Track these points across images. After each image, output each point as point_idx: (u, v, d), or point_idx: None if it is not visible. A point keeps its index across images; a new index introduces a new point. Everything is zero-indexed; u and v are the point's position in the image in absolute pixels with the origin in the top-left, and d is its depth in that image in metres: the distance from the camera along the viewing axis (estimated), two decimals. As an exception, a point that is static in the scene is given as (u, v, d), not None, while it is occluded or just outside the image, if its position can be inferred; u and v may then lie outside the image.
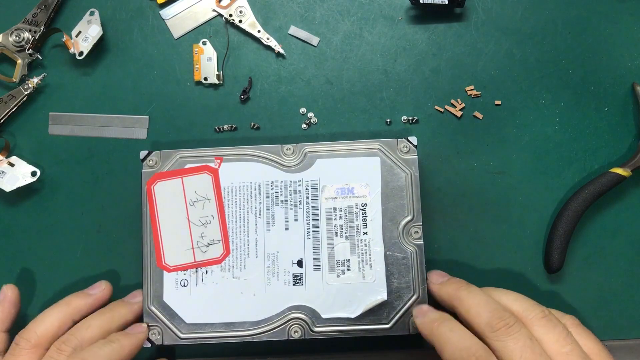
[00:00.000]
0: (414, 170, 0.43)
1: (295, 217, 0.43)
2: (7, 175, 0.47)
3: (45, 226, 0.48)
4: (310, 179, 0.43)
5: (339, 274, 0.42)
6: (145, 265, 0.43)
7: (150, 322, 0.42)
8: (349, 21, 0.49)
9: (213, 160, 0.44)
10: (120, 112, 0.49)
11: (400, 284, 0.42)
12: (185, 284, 0.43)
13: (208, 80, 0.49)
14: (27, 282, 0.47)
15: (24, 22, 0.49)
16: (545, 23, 0.49)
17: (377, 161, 0.43)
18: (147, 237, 0.43)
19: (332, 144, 0.44)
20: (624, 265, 0.46)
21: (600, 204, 0.46)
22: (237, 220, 0.43)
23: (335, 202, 0.43)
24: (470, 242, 0.47)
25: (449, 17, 0.49)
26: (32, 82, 0.48)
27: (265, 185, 0.43)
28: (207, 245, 0.43)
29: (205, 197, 0.43)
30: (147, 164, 0.44)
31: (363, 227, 0.43)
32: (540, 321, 0.36)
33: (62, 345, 0.39)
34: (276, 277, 0.42)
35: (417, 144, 0.44)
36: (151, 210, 0.43)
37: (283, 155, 0.44)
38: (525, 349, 0.34)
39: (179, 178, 0.44)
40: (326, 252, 0.42)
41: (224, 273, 0.43)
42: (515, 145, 0.48)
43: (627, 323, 0.46)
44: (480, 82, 0.48)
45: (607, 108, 0.48)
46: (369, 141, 0.44)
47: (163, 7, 0.50)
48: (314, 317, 0.42)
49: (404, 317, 0.41)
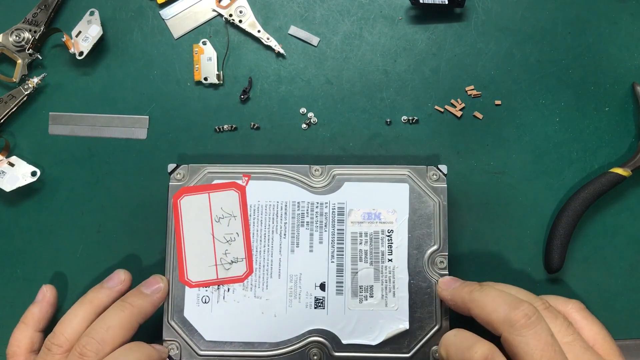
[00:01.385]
0: (442, 198, 0.43)
1: (320, 239, 0.43)
2: (7, 175, 0.47)
3: (45, 226, 0.48)
4: (337, 202, 0.43)
5: (362, 299, 0.42)
6: (167, 279, 0.42)
7: (170, 337, 0.42)
8: (349, 21, 0.49)
9: (241, 177, 0.43)
10: (120, 112, 0.49)
11: (422, 314, 0.41)
12: (207, 301, 0.42)
13: (208, 80, 0.49)
14: (27, 282, 0.47)
15: (24, 22, 0.49)
16: (545, 23, 0.49)
17: (406, 188, 0.43)
18: (170, 251, 0.43)
19: (361, 168, 0.44)
20: (624, 265, 0.46)
21: (600, 204, 0.46)
22: (262, 239, 0.43)
23: (361, 226, 0.43)
24: (470, 242, 0.47)
25: (449, 17, 0.49)
26: (32, 82, 0.48)
27: (291, 205, 0.43)
28: (230, 263, 0.43)
29: (231, 214, 0.43)
30: (174, 177, 0.44)
31: (388, 253, 0.42)
32: (542, 312, 0.36)
33: (83, 349, 0.38)
34: (298, 299, 0.42)
35: (447, 172, 0.43)
36: (176, 225, 0.43)
37: (311, 176, 0.43)
38: (547, 347, 0.34)
39: (206, 193, 0.43)
40: (350, 276, 0.42)
41: (246, 292, 0.42)
42: (515, 145, 0.48)
43: (627, 323, 0.46)
44: (480, 82, 0.48)
45: (607, 108, 0.48)
46: (398, 167, 0.43)
47: (163, 7, 0.50)
48: (334, 342, 0.41)
49: (424, 347, 0.41)
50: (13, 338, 0.42)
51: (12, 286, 0.47)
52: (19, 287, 0.47)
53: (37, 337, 0.42)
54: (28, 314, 0.43)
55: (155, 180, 0.48)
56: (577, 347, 0.35)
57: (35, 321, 0.43)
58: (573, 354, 0.35)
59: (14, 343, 0.42)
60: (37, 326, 0.42)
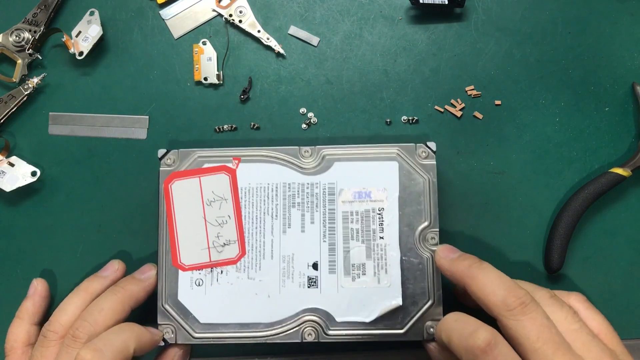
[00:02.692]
0: (432, 175, 0.43)
1: (312, 219, 0.43)
2: (7, 175, 0.47)
3: (45, 226, 0.48)
4: (327, 182, 0.43)
5: (354, 277, 0.42)
6: (160, 263, 0.43)
7: (164, 320, 0.42)
8: (349, 21, 0.49)
9: (231, 161, 0.44)
10: (120, 112, 0.49)
11: (415, 290, 0.42)
12: (200, 284, 0.43)
13: (208, 80, 0.49)
14: (27, 282, 0.47)
15: (24, 22, 0.49)
16: (545, 23, 0.49)
17: (395, 166, 0.43)
18: (163, 235, 0.43)
19: (350, 148, 0.44)
20: (624, 265, 0.46)
21: (600, 204, 0.46)
22: (254, 221, 0.43)
23: (352, 205, 0.43)
24: (470, 242, 0.47)
25: (449, 17, 0.49)
26: (32, 82, 0.48)
27: (282, 187, 0.43)
28: (222, 246, 0.43)
29: (222, 197, 0.43)
30: (164, 162, 0.44)
31: (380, 231, 0.42)
32: (547, 301, 0.36)
33: (76, 332, 0.38)
34: (291, 279, 0.42)
35: (436, 149, 0.43)
36: (168, 209, 0.43)
37: (301, 158, 0.44)
38: (543, 328, 0.34)
39: (197, 177, 0.44)
40: (342, 255, 0.42)
41: (239, 274, 0.43)
42: (515, 145, 0.48)
43: (627, 323, 0.46)
44: (480, 82, 0.48)
45: (607, 108, 0.48)
46: (387, 145, 0.44)
47: (163, 7, 0.50)
48: (328, 321, 0.42)
49: (418, 322, 0.41)
50: (10, 333, 0.43)
51: (12, 286, 0.47)
52: (19, 287, 0.47)
53: (33, 330, 0.43)
54: (22, 309, 0.44)
55: (155, 180, 0.48)
56: (583, 334, 0.35)
57: (30, 315, 0.43)
58: (580, 341, 0.35)
59: (11, 338, 0.42)
60: (32, 319, 0.43)
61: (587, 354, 0.34)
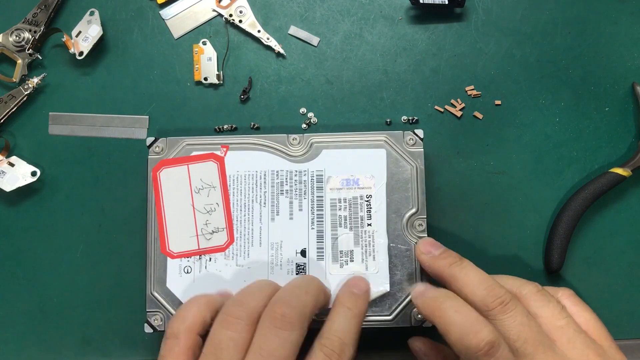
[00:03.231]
0: (419, 163, 0.43)
1: (300, 207, 0.43)
2: (7, 175, 0.47)
3: (45, 226, 0.48)
4: (315, 169, 0.43)
5: (342, 264, 0.42)
6: (149, 251, 0.43)
7: (153, 308, 0.42)
8: (349, 21, 0.49)
9: (219, 148, 0.44)
10: (120, 112, 0.49)
11: (403, 276, 0.42)
12: (189, 271, 0.43)
13: (208, 80, 0.49)
14: (27, 282, 0.47)
15: (24, 22, 0.49)
16: (545, 23, 0.49)
17: (383, 153, 0.43)
18: (151, 223, 0.43)
19: (338, 135, 0.44)
20: (624, 265, 0.46)
21: (600, 204, 0.46)
22: (242, 208, 0.43)
23: (340, 193, 0.43)
24: (470, 242, 0.47)
25: (449, 17, 0.49)
26: (32, 82, 0.48)
27: (270, 174, 0.43)
28: (211, 233, 0.43)
29: (210, 184, 0.43)
30: (153, 150, 0.44)
31: (367, 218, 0.43)
32: (534, 296, 0.36)
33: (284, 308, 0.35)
34: (279, 266, 0.42)
35: (423, 136, 0.43)
36: (156, 197, 0.43)
37: (289, 145, 0.44)
38: (523, 327, 0.34)
39: (185, 165, 0.44)
40: (330, 242, 0.42)
41: (228, 261, 0.43)
42: (515, 145, 0.48)
43: (627, 323, 0.46)
44: (480, 82, 0.48)
45: (607, 108, 0.48)
46: (375, 133, 0.44)
47: (163, 7, 0.50)
48: None
49: (406, 309, 0.41)
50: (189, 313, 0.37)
51: (12, 286, 0.47)
52: (19, 287, 0.47)
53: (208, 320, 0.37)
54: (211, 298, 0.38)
55: (155, 180, 0.48)
56: (570, 330, 0.35)
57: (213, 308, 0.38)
58: (566, 337, 0.35)
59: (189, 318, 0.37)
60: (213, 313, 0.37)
61: (572, 351, 0.34)
